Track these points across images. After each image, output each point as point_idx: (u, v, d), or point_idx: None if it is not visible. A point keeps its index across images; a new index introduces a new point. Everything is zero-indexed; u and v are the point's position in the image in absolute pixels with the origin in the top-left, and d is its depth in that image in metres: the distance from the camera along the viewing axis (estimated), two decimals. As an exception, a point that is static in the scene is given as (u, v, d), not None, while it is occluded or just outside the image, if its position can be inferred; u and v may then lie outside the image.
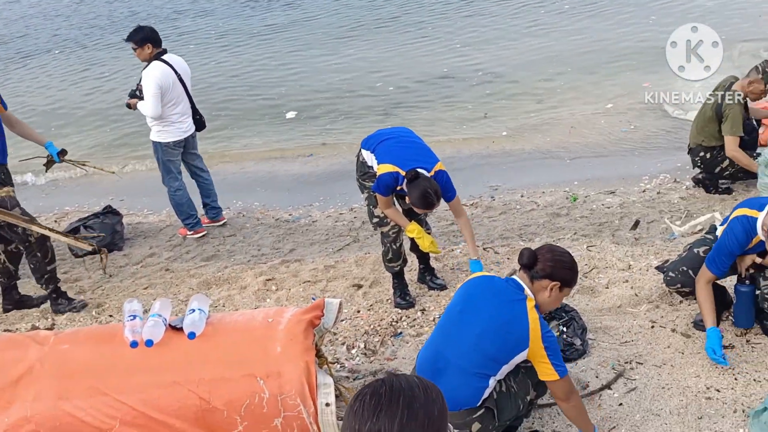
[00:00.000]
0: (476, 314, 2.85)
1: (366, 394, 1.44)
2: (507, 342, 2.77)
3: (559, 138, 7.85)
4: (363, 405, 1.42)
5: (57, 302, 4.91)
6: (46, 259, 4.75)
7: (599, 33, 11.63)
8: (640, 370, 3.60)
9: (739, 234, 3.43)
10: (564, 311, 4.05)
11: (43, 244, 4.69)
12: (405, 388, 1.44)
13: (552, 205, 6.05)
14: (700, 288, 3.58)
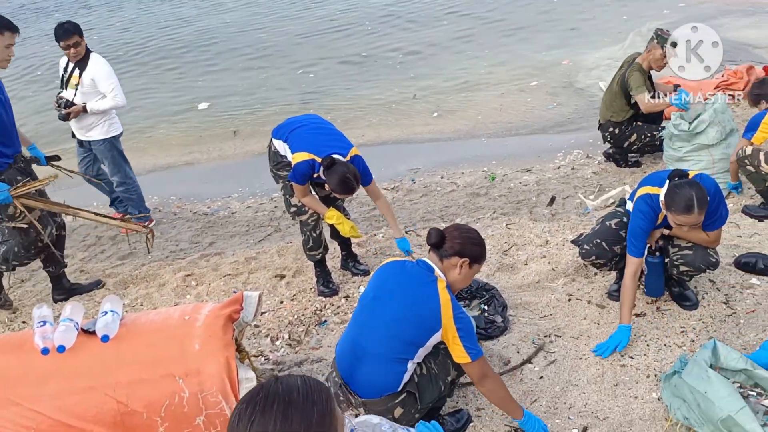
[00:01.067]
0: (389, 300, 2.85)
1: (244, 401, 1.43)
2: (420, 324, 2.77)
3: (477, 118, 7.96)
4: (240, 412, 1.41)
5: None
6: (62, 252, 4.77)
7: (516, 15, 11.86)
8: (559, 343, 3.69)
9: (646, 213, 3.54)
10: (485, 290, 4.12)
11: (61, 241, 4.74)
12: (282, 392, 1.42)
13: (471, 186, 6.13)
14: (627, 279, 3.60)
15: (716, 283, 4.04)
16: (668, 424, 3.05)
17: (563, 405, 3.25)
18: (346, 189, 4.00)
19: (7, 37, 4.16)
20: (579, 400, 3.26)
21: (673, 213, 3.31)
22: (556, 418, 3.16)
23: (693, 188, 3.26)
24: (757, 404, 3.01)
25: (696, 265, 3.66)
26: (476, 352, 2.78)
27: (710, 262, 3.67)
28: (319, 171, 4.08)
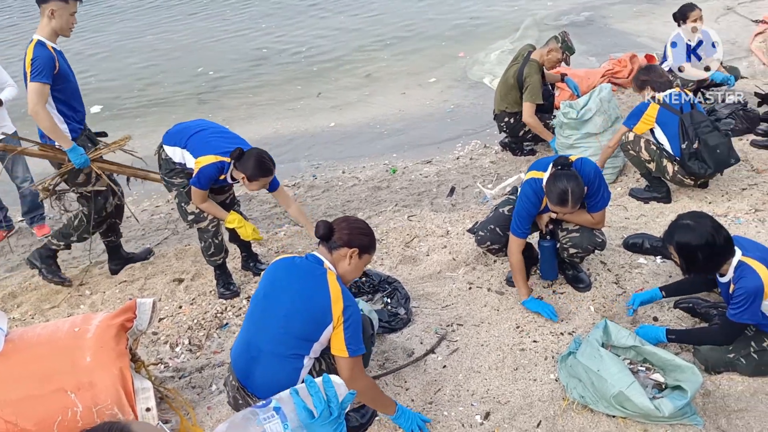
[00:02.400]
0: (280, 297, 2.81)
1: None
2: (311, 318, 2.74)
3: (378, 112, 7.97)
4: None
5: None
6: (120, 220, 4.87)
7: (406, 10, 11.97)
8: (461, 331, 3.76)
9: (530, 196, 3.67)
10: (387, 282, 4.14)
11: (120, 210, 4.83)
12: None
13: (373, 179, 6.15)
14: (512, 257, 3.79)
15: (607, 264, 4.21)
16: (565, 403, 3.16)
17: (466, 392, 3.31)
18: (264, 170, 3.96)
19: (71, 5, 4.23)
20: (481, 387, 3.33)
21: (550, 203, 3.51)
22: (460, 406, 3.22)
23: (570, 182, 3.43)
24: (645, 378, 3.16)
25: (584, 246, 3.82)
26: (356, 349, 2.75)
27: (597, 243, 3.83)
28: (227, 173, 4.00)
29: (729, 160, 4.67)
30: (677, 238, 3.12)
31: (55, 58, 4.17)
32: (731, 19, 8.96)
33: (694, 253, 3.08)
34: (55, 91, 4.24)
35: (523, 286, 3.80)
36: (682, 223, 3.15)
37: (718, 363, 3.22)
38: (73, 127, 4.38)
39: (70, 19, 4.27)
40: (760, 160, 5.25)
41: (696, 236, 3.06)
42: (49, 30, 4.22)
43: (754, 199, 4.71)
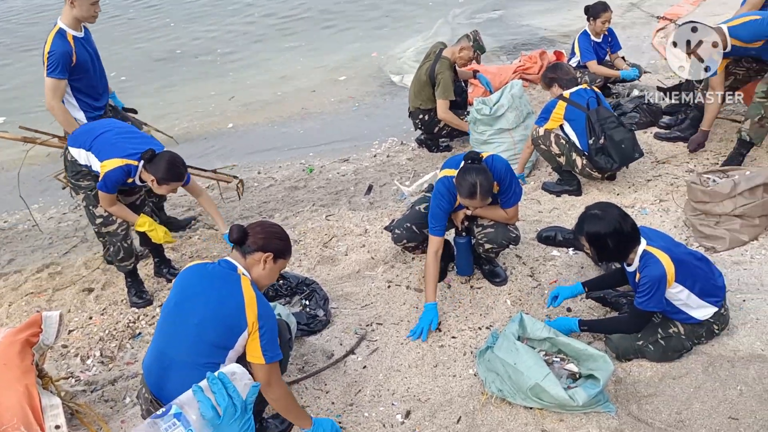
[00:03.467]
0: (192, 304, 2.72)
1: None
2: (225, 325, 2.66)
3: (293, 110, 7.88)
4: None
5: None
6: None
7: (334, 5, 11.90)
8: (381, 330, 3.76)
9: (443, 194, 3.71)
10: (305, 284, 4.09)
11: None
12: None
13: (289, 179, 6.07)
14: (429, 258, 3.78)
15: (522, 258, 4.29)
16: (484, 397, 3.20)
17: (387, 392, 3.30)
18: (175, 175, 3.85)
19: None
20: (401, 385, 3.33)
21: (460, 196, 3.55)
22: (380, 406, 3.21)
23: (479, 175, 3.49)
24: (560, 369, 3.23)
25: (498, 241, 3.88)
26: (272, 356, 2.70)
27: (511, 238, 3.91)
28: (135, 176, 3.86)
29: (633, 155, 4.84)
30: (587, 228, 3.20)
31: (72, 51, 4.19)
32: (635, 15, 9.30)
33: (604, 241, 3.16)
34: (73, 81, 4.29)
35: (431, 291, 3.75)
36: (591, 213, 3.23)
37: (628, 350, 3.33)
38: (92, 115, 4.44)
39: (92, 8, 4.25)
40: (663, 151, 5.46)
41: (605, 225, 3.15)
42: (71, 17, 4.22)
43: (658, 190, 4.89)
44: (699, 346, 3.36)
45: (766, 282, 3.81)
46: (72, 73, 4.24)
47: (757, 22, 4.61)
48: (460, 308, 3.88)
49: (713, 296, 3.29)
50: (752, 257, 4.06)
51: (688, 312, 3.28)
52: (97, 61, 4.47)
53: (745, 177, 4.22)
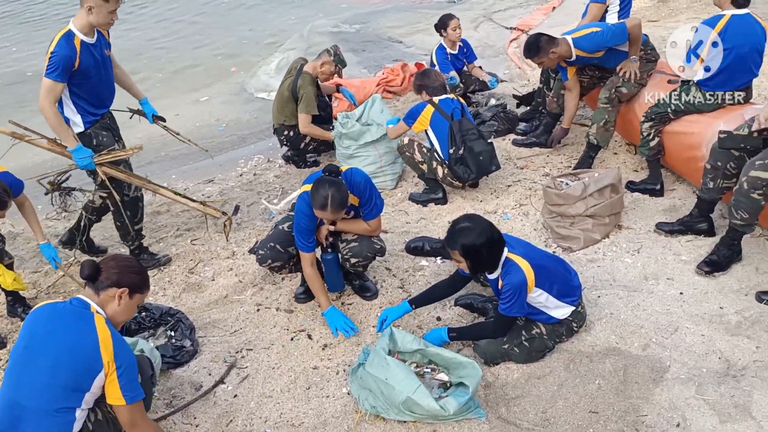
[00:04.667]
0: (43, 346, 2.54)
1: None
2: (79, 367, 2.51)
3: (153, 133, 7.56)
4: None
5: (140, 258, 4.64)
6: (135, 218, 4.61)
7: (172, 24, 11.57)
8: (251, 356, 3.66)
9: (304, 210, 3.69)
10: (170, 315, 3.93)
11: (135, 204, 4.59)
12: None
13: (152, 204, 5.81)
14: (307, 272, 3.81)
15: (392, 270, 4.32)
16: (358, 415, 3.18)
17: (259, 420, 3.22)
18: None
19: (111, 3, 4.05)
20: (274, 412, 3.26)
21: (314, 209, 3.55)
22: (253, 435, 3.12)
23: (331, 187, 3.49)
24: (431, 380, 3.26)
25: (363, 254, 3.90)
26: (134, 396, 2.58)
27: (376, 250, 3.94)
28: None
29: (490, 167, 5.01)
30: (461, 241, 3.24)
31: (76, 56, 4.04)
32: (489, 26, 9.66)
33: (479, 251, 3.23)
34: (74, 85, 4.15)
35: (322, 297, 3.80)
36: (461, 226, 3.29)
37: (495, 355, 3.42)
38: (88, 119, 4.29)
39: (109, 15, 4.11)
40: (521, 157, 5.68)
41: (477, 235, 3.22)
42: (85, 22, 4.08)
43: (518, 195, 5.08)
44: (561, 345, 3.50)
45: (618, 277, 4.03)
46: (73, 77, 4.09)
47: (598, 33, 4.90)
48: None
49: (570, 296, 3.44)
50: (605, 254, 4.29)
51: (548, 313, 3.42)
52: (104, 69, 4.31)
53: (594, 179, 4.46)
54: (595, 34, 4.93)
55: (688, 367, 3.26)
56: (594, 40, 4.92)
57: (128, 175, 4.44)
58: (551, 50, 4.96)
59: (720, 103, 4.54)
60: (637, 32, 4.88)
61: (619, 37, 4.88)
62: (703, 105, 4.57)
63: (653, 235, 4.42)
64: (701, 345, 3.40)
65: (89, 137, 4.28)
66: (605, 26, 4.99)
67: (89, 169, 4.25)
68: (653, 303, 3.74)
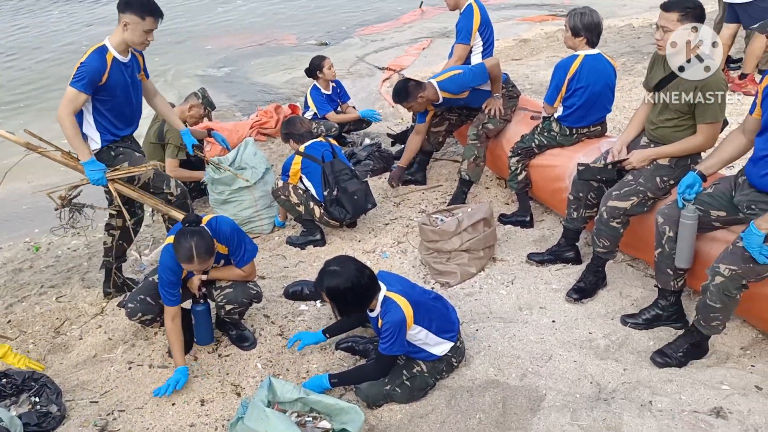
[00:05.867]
0: None
1: None
2: None
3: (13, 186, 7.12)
4: None
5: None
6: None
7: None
8: (124, 418, 3.46)
9: (169, 263, 3.59)
10: (33, 380, 3.66)
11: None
12: None
13: (13, 261, 5.46)
14: (168, 326, 3.68)
15: (270, 317, 4.23)
16: (239, 473, 3.05)
17: (132, 487, 3.03)
18: None
19: (147, 22, 3.97)
20: (148, 477, 3.08)
21: (180, 261, 3.48)
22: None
23: (194, 237, 3.44)
24: (313, 428, 3.19)
25: (239, 300, 3.82)
26: None
27: (252, 295, 3.88)
28: None
29: (366, 206, 5.05)
30: (327, 283, 3.23)
31: (105, 71, 3.98)
32: (362, 67, 9.82)
33: (344, 296, 3.21)
34: (98, 101, 4.08)
35: (179, 355, 3.67)
36: (329, 269, 3.27)
37: (377, 397, 3.39)
38: (107, 138, 4.21)
39: (144, 35, 4.02)
40: (397, 193, 5.75)
41: (343, 280, 3.20)
42: (120, 40, 4.03)
43: (396, 233, 5.13)
44: (442, 381, 3.53)
45: (494, 309, 4.13)
46: (98, 92, 4.02)
47: (460, 75, 5.10)
48: (209, 379, 3.70)
49: (449, 331, 3.49)
50: (481, 287, 4.38)
51: (429, 350, 3.44)
52: (132, 92, 4.23)
53: (467, 214, 4.57)
54: (457, 75, 5.12)
55: (563, 394, 3.36)
56: (457, 81, 5.11)
57: (141, 194, 4.29)
58: (419, 95, 5.11)
59: (579, 137, 4.79)
60: (496, 71, 5.12)
61: (481, 77, 5.10)
62: (564, 139, 4.81)
63: (525, 265, 4.57)
64: (574, 371, 3.52)
65: (107, 152, 4.21)
66: (466, 68, 5.20)
67: (101, 184, 4.12)
68: (528, 333, 3.85)
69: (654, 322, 3.82)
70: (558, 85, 4.67)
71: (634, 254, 4.43)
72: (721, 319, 3.34)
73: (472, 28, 5.63)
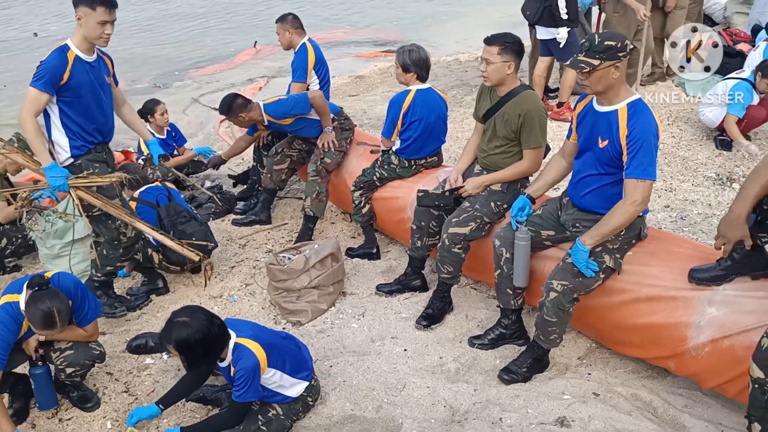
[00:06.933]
0: None
1: None
2: None
3: None
4: None
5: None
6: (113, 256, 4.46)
7: None
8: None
9: (7, 323, 3.30)
10: None
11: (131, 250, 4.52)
12: None
13: None
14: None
15: (114, 374, 4.01)
16: None
17: None
18: None
19: (99, 12, 3.80)
20: None
21: (37, 329, 3.26)
22: None
23: (53, 301, 3.23)
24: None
25: (81, 362, 3.60)
26: None
27: (95, 356, 3.69)
28: None
29: (206, 247, 4.91)
30: (175, 336, 3.07)
31: (66, 69, 3.84)
32: (197, 108, 9.62)
33: (194, 348, 3.08)
34: (63, 103, 3.94)
35: (4, 422, 3.33)
36: (178, 320, 3.13)
37: (231, 447, 3.28)
38: (76, 144, 4.05)
39: (99, 28, 3.84)
40: (242, 235, 5.64)
41: (192, 331, 3.07)
42: (81, 37, 3.91)
43: (243, 275, 5.02)
44: (299, 422, 3.47)
45: (347, 344, 4.14)
46: (62, 92, 3.88)
47: (283, 101, 5.25)
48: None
49: (303, 371, 3.45)
50: (332, 323, 4.38)
51: (284, 392, 3.38)
52: (102, 94, 4.07)
53: (314, 250, 4.57)
54: (281, 100, 5.27)
55: (419, 421, 3.41)
56: (280, 106, 5.23)
57: (105, 202, 4.17)
58: (240, 113, 5.18)
59: (417, 168, 4.96)
60: (319, 103, 5.25)
61: (302, 106, 5.22)
62: (404, 171, 4.95)
63: (375, 297, 4.63)
64: (427, 397, 3.58)
65: (78, 169, 4.06)
66: (291, 96, 5.34)
67: (62, 190, 4.01)
68: (381, 364, 3.88)
69: (499, 341, 3.99)
70: (394, 119, 4.83)
71: (477, 277, 4.62)
72: (558, 332, 3.56)
73: (307, 67, 5.72)
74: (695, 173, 5.98)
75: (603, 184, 3.52)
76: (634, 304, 3.44)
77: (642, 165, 3.28)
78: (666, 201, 5.52)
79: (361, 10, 15.87)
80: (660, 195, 5.59)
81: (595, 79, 3.35)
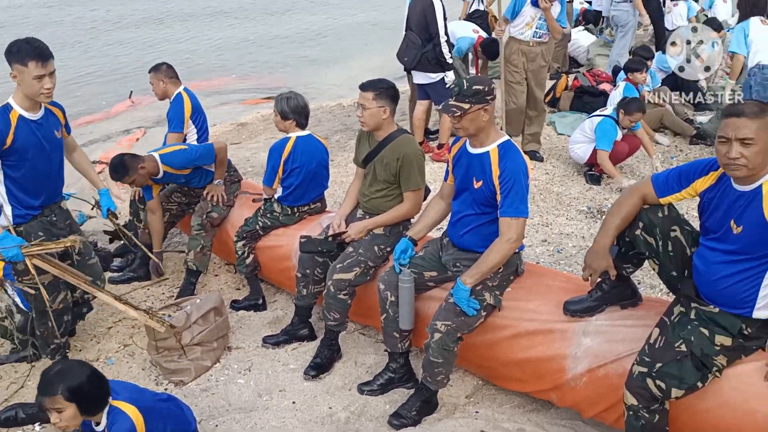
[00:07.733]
0: None
1: None
2: None
3: None
4: None
5: None
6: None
7: None
8: None
9: None
10: None
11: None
12: None
13: None
14: None
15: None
16: None
17: None
18: None
19: (31, 68, 3.53)
20: None
21: None
22: None
23: None
24: None
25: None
26: None
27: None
28: None
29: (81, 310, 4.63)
30: (64, 384, 2.84)
31: (9, 131, 3.61)
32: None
33: (87, 391, 2.89)
34: (7, 167, 3.72)
35: None
36: (57, 369, 2.93)
37: None
38: (20, 213, 3.84)
39: (36, 83, 3.57)
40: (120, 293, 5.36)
41: (79, 372, 2.91)
42: (21, 95, 3.67)
43: (120, 336, 4.77)
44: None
45: (233, 401, 3.99)
46: (6, 156, 3.66)
47: (186, 151, 5.06)
48: None
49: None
50: (217, 380, 4.22)
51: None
52: (51, 152, 3.84)
53: (196, 305, 4.41)
54: (183, 151, 5.05)
55: (309, 476, 3.31)
56: (183, 156, 5.02)
57: (63, 270, 3.87)
58: (139, 166, 4.86)
59: (300, 215, 4.92)
60: (223, 155, 5.15)
61: (207, 157, 5.09)
62: (287, 219, 4.90)
63: (262, 349, 4.50)
64: (318, 450, 3.50)
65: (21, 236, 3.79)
66: (192, 146, 5.18)
67: (17, 260, 3.70)
68: (269, 419, 3.77)
69: (388, 386, 3.96)
70: (274, 167, 4.78)
71: (364, 322, 4.59)
72: (445, 372, 3.57)
73: (183, 116, 5.59)
74: (569, 207, 6.26)
75: (480, 223, 3.62)
76: (516, 339, 3.51)
77: (514, 204, 3.40)
78: (543, 235, 5.73)
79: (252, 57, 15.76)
80: (537, 230, 5.81)
81: (466, 122, 3.46)
